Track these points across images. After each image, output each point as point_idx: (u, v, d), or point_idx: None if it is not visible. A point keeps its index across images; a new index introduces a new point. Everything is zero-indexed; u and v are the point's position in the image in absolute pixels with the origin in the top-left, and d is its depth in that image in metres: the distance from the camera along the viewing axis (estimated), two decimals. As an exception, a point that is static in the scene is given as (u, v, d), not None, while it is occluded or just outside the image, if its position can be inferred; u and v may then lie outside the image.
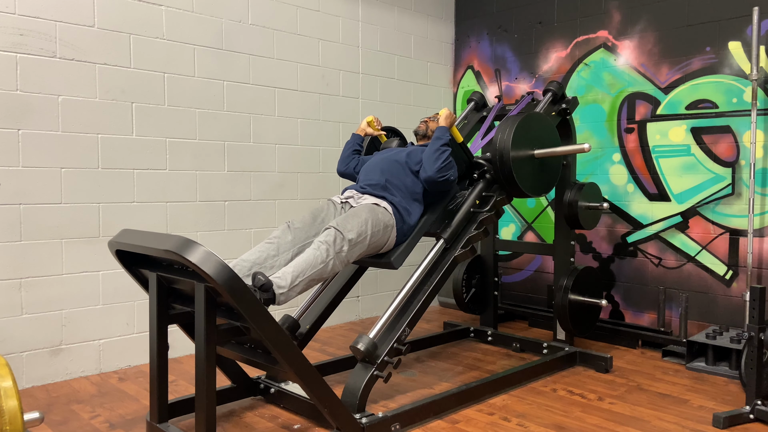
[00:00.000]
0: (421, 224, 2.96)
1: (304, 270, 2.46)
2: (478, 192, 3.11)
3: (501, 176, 3.05)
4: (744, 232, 3.63)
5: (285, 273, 2.43)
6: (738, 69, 3.63)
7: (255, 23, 3.88)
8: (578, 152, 3.10)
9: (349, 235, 2.61)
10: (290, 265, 2.48)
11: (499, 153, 3.02)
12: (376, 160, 3.09)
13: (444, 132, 2.95)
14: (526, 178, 3.09)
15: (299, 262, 2.49)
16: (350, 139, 3.33)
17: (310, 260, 2.49)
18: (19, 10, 3.01)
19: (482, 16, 4.97)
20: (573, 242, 3.66)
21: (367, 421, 2.43)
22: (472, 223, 3.05)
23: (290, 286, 2.40)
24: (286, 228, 2.71)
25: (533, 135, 3.11)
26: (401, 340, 2.68)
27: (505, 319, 4.59)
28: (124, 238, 2.27)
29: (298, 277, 2.43)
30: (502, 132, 3.04)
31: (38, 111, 3.08)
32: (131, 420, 2.70)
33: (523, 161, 3.07)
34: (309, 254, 2.52)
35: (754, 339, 2.64)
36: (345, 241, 2.59)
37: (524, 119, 3.07)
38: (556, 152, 3.13)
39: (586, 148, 3.04)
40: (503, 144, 3.01)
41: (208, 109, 3.69)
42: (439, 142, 2.90)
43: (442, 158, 2.86)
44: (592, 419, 2.72)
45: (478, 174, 3.20)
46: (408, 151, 3.05)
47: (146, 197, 3.46)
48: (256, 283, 2.31)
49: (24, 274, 3.07)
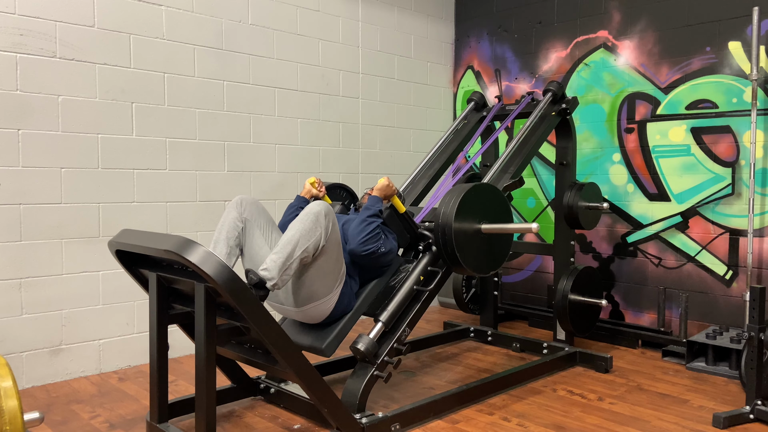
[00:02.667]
0: (359, 303, 2.68)
1: (291, 251, 2.36)
2: (422, 267, 2.82)
3: (443, 253, 2.73)
4: (744, 232, 3.63)
5: (272, 262, 2.35)
6: (738, 69, 3.63)
7: (255, 23, 3.88)
8: (526, 231, 2.71)
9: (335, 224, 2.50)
10: (276, 250, 2.38)
11: (441, 228, 2.69)
12: None
13: (375, 202, 2.72)
14: (471, 255, 2.73)
15: (284, 242, 2.38)
16: (294, 202, 2.99)
17: (296, 236, 2.37)
18: (19, 10, 3.01)
19: (482, 16, 4.97)
20: (573, 242, 3.66)
21: (367, 421, 2.43)
22: (416, 302, 2.76)
23: (279, 275, 2.34)
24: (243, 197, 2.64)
25: (482, 207, 2.78)
26: (401, 340, 2.67)
27: (505, 319, 4.59)
28: (124, 238, 2.27)
29: (285, 261, 2.35)
30: (446, 204, 2.71)
31: (38, 111, 3.08)
32: (131, 420, 2.70)
33: (468, 237, 2.72)
34: (294, 229, 2.40)
35: (754, 339, 2.64)
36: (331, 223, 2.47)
37: (471, 189, 2.74)
38: (505, 229, 2.76)
39: (533, 228, 2.66)
40: (446, 217, 2.67)
41: (208, 109, 3.69)
42: (366, 213, 2.66)
43: (366, 230, 2.61)
44: (592, 419, 2.72)
45: (423, 246, 2.91)
46: (345, 220, 2.84)
47: (146, 197, 3.46)
48: (250, 281, 2.30)
49: (24, 274, 3.07)
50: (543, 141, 3.47)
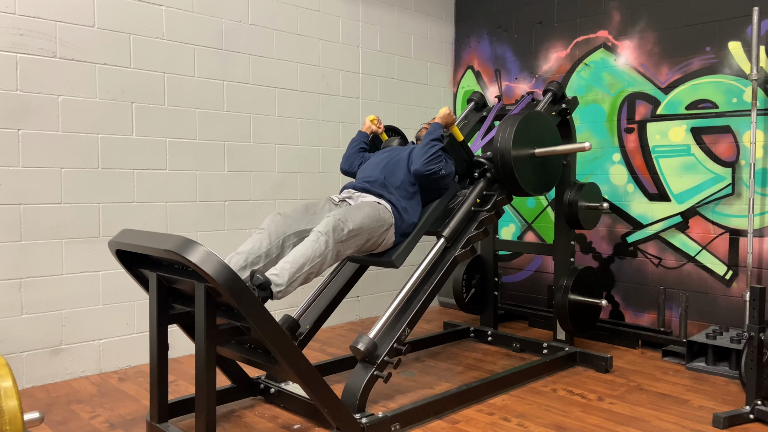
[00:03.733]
0: (421, 223, 2.95)
1: (302, 264, 2.43)
2: (478, 191, 3.12)
3: (502, 175, 3.06)
4: (744, 232, 3.63)
5: (282, 270, 2.39)
6: (738, 69, 3.63)
7: (255, 23, 3.88)
8: (579, 151, 3.11)
9: (349, 225, 2.60)
10: (287, 260, 2.43)
11: (500, 152, 3.02)
12: (377, 158, 3.09)
13: (437, 128, 2.95)
14: (527, 177, 3.09)
15: (296, 256, 2.44)
16: (356, 137, 3.34)
17: (308, 253, 2.46)
18: (19, 10, 3.01)
19: (482, 16, 4.97)
20: (573, 242, 3.66)
21: (367, 421, 2.43)
22: (472, 222, 3.05)
23: (288, 282, 2.38)
24: (277, 216, 2.69)
25: (534, 134, 3.12)
26: (401, 340, 2.68)
27: (505, 319, 4.59)
28: (124, 238, 2.27)
29: (295, 273, 2.41)
30: (503, 131, 3.04)
31: (38, 111, 3.08)
32: (131, 420, 2.70)
33: (524, 160, 3.07)
34: (307, 246, 2.48)
35: (754, 339, 2.64)
36: (344, 232, 2.57)
37: (525, 118, 3.07)
38: (556, 151, 3.14)
39: (586, 147, 3.05)
40: (504, 143, 3.02)
41: (208, 109, 3.69)
42: (430, 136, 2.91)
43: (430, 152, 2.85)
44: (592, 419, 2.72)
45: (478, 173, 3.21)
46: (409, 149, 3.06)
47: (146, 197, 3.46)
48: (255, 281, 2.30)
49: (24, 274, 3.07)
50: (543, 141, 3.48)
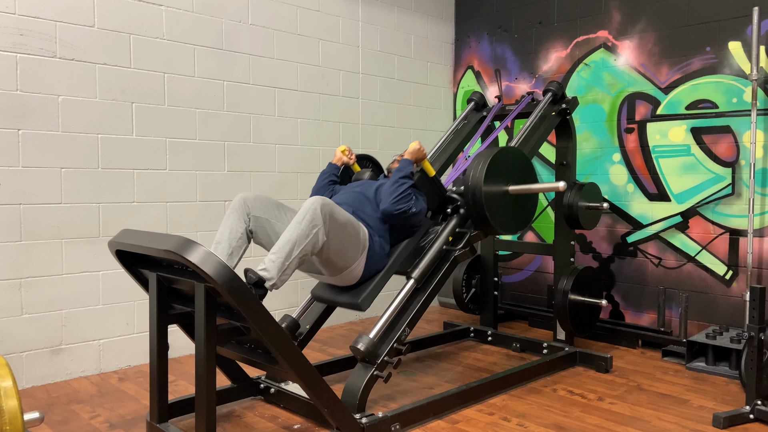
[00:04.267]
0: (391, 262, 2.81)
1: (290, 251, 2.37)
2: (451, 228, 2.94)
3: (473, 213, 2.88)
4: (744, 232, 3.63)
5: (270, 262, 2.35)
6: (738, 69, 3.63)
7: (255, 23, 3.88)
8: (553, 190, 2.88)
9: (335, 212, 2.52)
10: (274, 250, 2.38)
11: (471, 190, 2.84)
12: (347, 193, 2.95)
13: (407, 164, 2.83)
14: (499, 216, 2.89)
15: (282, 243, 2.39)
16: (326, 169, 3.17)
17: (294, 237, 2.39)
18: (19, 10, 3.01)
19: (482, 16, 4.97)
20: (573, 242, 3.66)
21: (367, 421, 2.43)
22: (444, 262, 2.88)
23: (279, 273, 2.35)
24: (245, 194, 2.66)
25: (508, 170, 2.92)
26: (401, 340, 2.67)
27: (505, 319, 4.59)
28: (124, 238, 2.27)
29: (285, 261, 2.36)
30: (475, 167, 2.86)
31: (38, 111, 3.08)
32: (131, 420, 2.70)
33: (497, 198, 2.88)
34: (292, 230, 2.41)
35: (754, 339, 2.64)
36: (332, 214, 2.49)
37: (498, 153, 2.89)
38: (531, 189, 2.92)
39: (561, 187, 2.83)
40: (475, 180, 2.82)
41: (208, 109, 3.69)
42: (399, 174, 2.79)
43: (399, 191, 2.73)
44: (592, 419, 2.72)
45: (451, 209, 3.03)
46: (377, 185, 2.93)
47: (146, 197, 3.46)
48: (249, 280, 2.30)
49: (24, 274, 3.07)
50: (543, 141, 3.47)
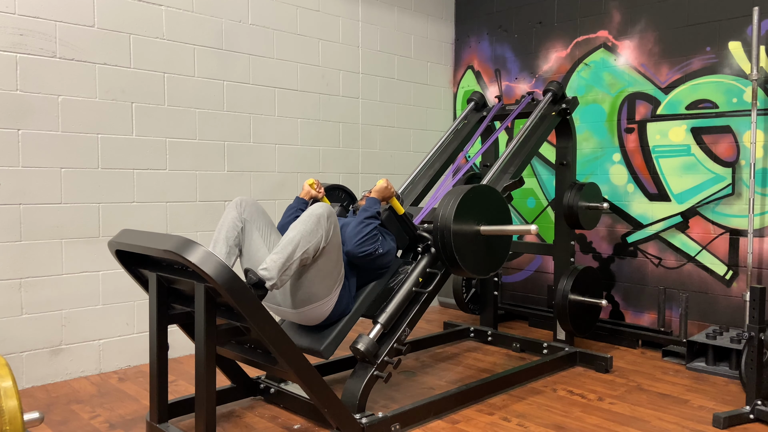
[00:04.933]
0: (357, 304, 2.67)
1: (291, 252, 2.36)
2: (421, 269, 2.81)
3: (442, 255, 2.71)
4: (744, 232, 3.63)
5: (272, 262, 2.35)
6: (738, 69, 3.63)
7: (255, 23, 3.88)
8: (525, 233, 2.72)
9: (336, 227, 2.50)
10: (276, 250, 2.38)
11: (440, 230, 2.67)
12: None
13: (373, 203, 2.73)
14: (469, 258, 2.72)
15: (284, 243, 2.38)
16: (293, 203, 2.99)
17: (297, 238, 2.38)
18: (19, 10, 3.01)
19: (482, 16, 4.96)
20: (573, 242, 3.66)
21: (367, 421, 2.43)
22: (414, 304, 2.75)
23: (279, 273, 2.34)
24: (244, 198, 2.66)
25: (480, 209, 2.77)
26: (401, 340, 2.67)
27: (505, 319, 4.59)
28: (124, 238, 2.27)
29: (285, 261, 2.35)
30: (445, 206, 2.69)
31: (38, 111, 3.08)
32: (131, 420, 2.70)
33: (467, 239, 2.70)
34: (296, 230, 2.40)
35: (754, 339, 2.64)
36: (332, 228, 2.48)
37: (470, 191, 2.73)
38: (504, 231, 2.75)
39: (532, 231, 2.64)
40: (444, 220, 2.65)
41: (208, 109, 3.69)
42: (364, 215, 2.67)
43: (363, 232, 2.62)
44: (592, 419, 2.72)
45: (422, 248, 2.90)
46: (343, 222, 2.81)
47: (146, 197, 3.46)
48: (249, 281, 2.30)
49: (24, 274, 3.07)
50: (543, 141, 3.47)
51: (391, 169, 4.75)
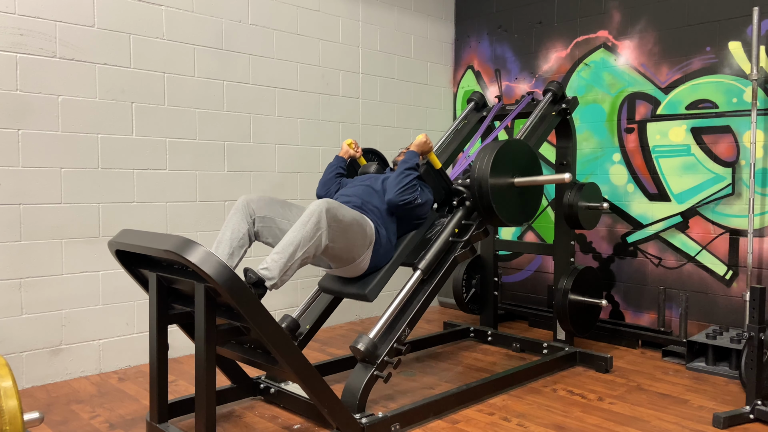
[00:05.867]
0: (398, 253, 2.84)
1: (293, 252, 2.38)
2: (457, 220, 2.97)
3: (479, 205, 2.89)
4: (744, 232, 3.63)
5: (272, 262, 2.35)
6: (738, 69, 3.63)
7: (255, 23, 3.88)
8: (559, 182, 2.92)
9: (340, 214, 2.52)
10: (277, 250, 2.38)
11: (477, 181, 2.86)
12: (354, 185, 2.98)
13: (413, 156, 2.86)
14: (505, 207, 2.90)
15: (285, 243, 2.39)
16: (333, 161, 3.19)
17: (298, 238, 2.40)
18: (19, 10, 3.01)
19: (482, 16, 4.97)
20: (573, 242, 3.66)
21: (367, 421, 2.43)
22: (450, 253, 2.90)
23: (280, 273, 2.35)
24: (248, 195, 2.67)
25: (513, 162, 2.94)
26: (401, 340, 2.68)
27: (505, 319, 4.59)
28: (124, 238, 2.27)
29: (287, 262, 2.36)
30: (481, 159, 2.87)
31: (38, 111, 3.08)
32: (131, 420, 2.70)
33: (503, 190, 2.89)
34: (296, 231, 2.41)
35: (754, 339, 2.64)
36: (337, 216, 2.50)
37: (504, 146, 2.90)
38: (537, 181, 2.95)
39: (566, 179, 2.88)
40: (482, 172, 2.84)
41: (208, 109, 3.69)
42: (405, 165, 2.82)
43: (404, 182, 2.76)
44: (592, 419, 2.72)
45: (457, 201, 3.07)
46: (384, 177, 2.97)
47: (146, 197, 3.46)
48: (248, 280, 2.30)
49: (24, 274, 3.07)
50: (543, 141, 3.47)
51: (391, 169, 4.75)
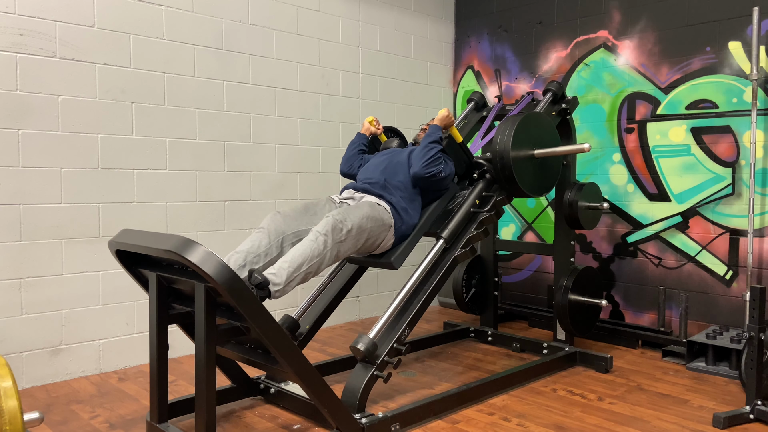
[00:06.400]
0: (421, 224, 2.96)
1: (300, 264, 2.43)
2: (478, 192, 3.11)
3: (501, 176, 3.06)
4: (744, 232, 3.63)
5: (281, 269, 2.39)
6: (738, 69, 3.63)
7: (255, 23, 3.88)
8: (578, 152, 3.10)
9: (348, 225, 2.60)
10: (285, 260, 2.43)
11: (499, 153, 3.02)
12: (377, 160, 3.10)
13: (436, 130, 2.97)
14: (526, 178, 3.09)
15: (295, 255, 2.44)
16: (355, 138, 3.34)
17: (306, 253, 2.46)
18: (19, 10, 3.01)
19: (482, 16, 4.97)
20: (573, 242, 3.66)
21: (367, 421, 2.43)
22: (472, 223, 3.04)
23: (286, 282, 2.38)
24: (276, 215, 2.69)
25: (533, 135, 3.11)
26: (401, 340, 2.67)
27: (505, 319, 4.59)
28: (124, 238, 2.27)
29: (293, 272, 2.41)
30: (502, 132, 3.04)
31: (38, 111, 3.08)
32: (131, 420, 2.70)
33: (524, 161, 3.07)
34: (305, 246, 2.48)
35: (754, 339, 2.64)
36: (343, 232, 2.57)
37: (524, 119, 3.07)
38: (556, 152, 3.13)
39: (586, 148, 3.04)
40: (503, 144, 3.01)
41: (208, 109, 3.69)
42: (429, 139, 2.92)
43: (429, 154, 2.87)
44: (592, 419, 2.72)
45: (478, 174, 3.21)
46: (408, 151, 3.07)
47: (146, 197, 3.46)
48: (253, 281, 2.30)
49: (24, 274, 3.07)
50: (543, 141, 3.47)
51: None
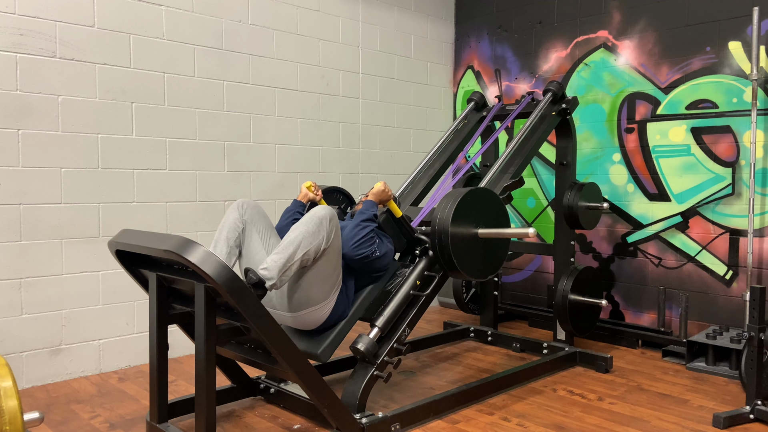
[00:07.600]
0: (355, 308, 2.66)
1: (292, 252, 2.37)
2: (419, 272, 2.80)
3: (440, 258, 2.69)
4: (744, 232, 3.63)
5: (272, 263, 2.35)
6: (738, 69, 3.63)
7: (255, 23, 3.88)
8: (523, 237, 2.65)
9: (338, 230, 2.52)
10: (277, 251, 2.39)
11: (437, 233, 2.65)
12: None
13: (370, 206, 2.72)
14: (467, 261, 2.70)
15: (285, 243, 2.39)
16: (290, 206, 3.00)
17: (298, 239, 2.39)
18: (19, 10, 3.01)
19: (482, 16, 4.96)
20: (573, 242, 3.66)
21: (367, 421, 2.43)
22: (412, 307, 2.74)
23: (279, 273, 2.35)
24: (248, 200, 2.67)
25: (478, 212, 2.74)
26: (401, 340, 2.67)
27: (505, 319, 4.59)
28: (124, 238, 2.27)
29: (286, 262, 2.36)
30: (442, 209, 2.67)
31: (38, 111, 3.08)
32: (131, 420, 2.70)
33: (465, 242, 2.68)
34: (297, 233, 2.41)
35: (754, 339, 2.64)
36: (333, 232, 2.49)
37: (467, 194, 2.70)
38: (502, 234, 2.72)
39: (530, 233, 2.60)
40: (442, 223, 2.64)
41: (208, 109, 3.69)
42: (361, 217, 2.67)
43: (360, 234, 2.61)
44: (592, 419, 2.72)
45: (420, 251, 2.90)
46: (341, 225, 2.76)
47: (146, 197, 3.46)
48: (249, 280, 2.30)
49: (24, 274, 3.07)
50: (543, 141, 3.47)
51: (391, 169, 4.75)
